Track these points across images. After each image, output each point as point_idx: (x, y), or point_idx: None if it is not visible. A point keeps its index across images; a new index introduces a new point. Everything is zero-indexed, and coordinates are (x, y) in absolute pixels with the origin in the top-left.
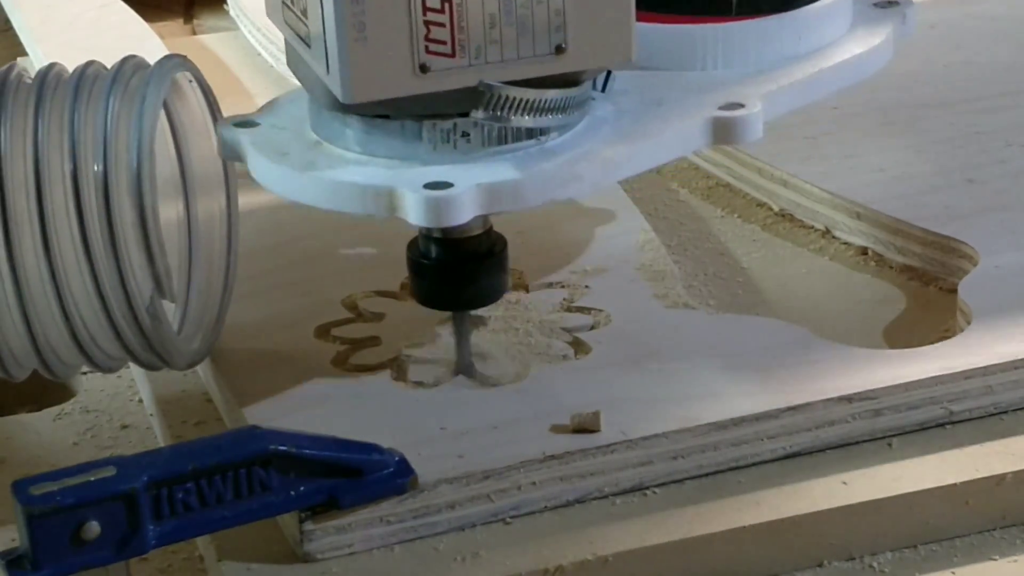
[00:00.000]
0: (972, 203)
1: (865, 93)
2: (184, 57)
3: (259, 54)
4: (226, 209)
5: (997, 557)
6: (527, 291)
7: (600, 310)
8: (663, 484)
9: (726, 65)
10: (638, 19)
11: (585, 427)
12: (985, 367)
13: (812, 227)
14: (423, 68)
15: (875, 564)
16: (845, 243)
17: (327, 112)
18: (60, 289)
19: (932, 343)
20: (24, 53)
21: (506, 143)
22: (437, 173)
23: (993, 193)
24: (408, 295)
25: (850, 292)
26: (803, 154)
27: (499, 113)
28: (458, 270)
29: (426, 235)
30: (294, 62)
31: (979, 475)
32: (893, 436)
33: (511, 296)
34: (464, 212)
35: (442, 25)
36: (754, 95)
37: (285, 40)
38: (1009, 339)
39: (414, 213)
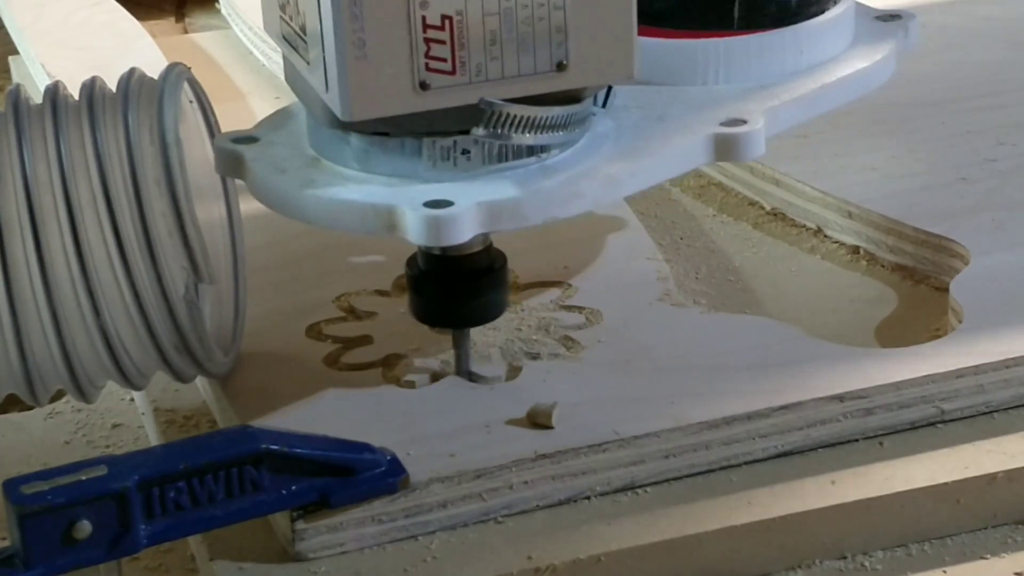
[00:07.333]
0: (963, 202)
1: None
2: (187, 68)
3: (251, 52)
4: (227, 216)
5: (988, 556)
6: (519, 290)
7: (592, 309)
8: (655, 483)
9: (728, 80)
10: (639, 34)
11: (539, 422)
12: (976, 366)
13: (804, 226)
14: (423, 85)
15: (867, 563)
16: (837, 242)
17: (326, 129)
18: (92, 288)
19: (923, 342)
20: (15, 51)
21: (506, 160)
22: (437, 191)
23: (984, 192)
24: (400, 293)
25: (842, 291)
26: (795, 153)
27: (500, 131)
28: (458, 287)
29: (426, 252)
30: (292, 78)
31: (970, 474)
32: (884, 435)
33: None
34: (465, 231)
35: (443, 42)
36: (756, 111)
37: (283, 55)
38: (1001, 338)
39: (414, 232)
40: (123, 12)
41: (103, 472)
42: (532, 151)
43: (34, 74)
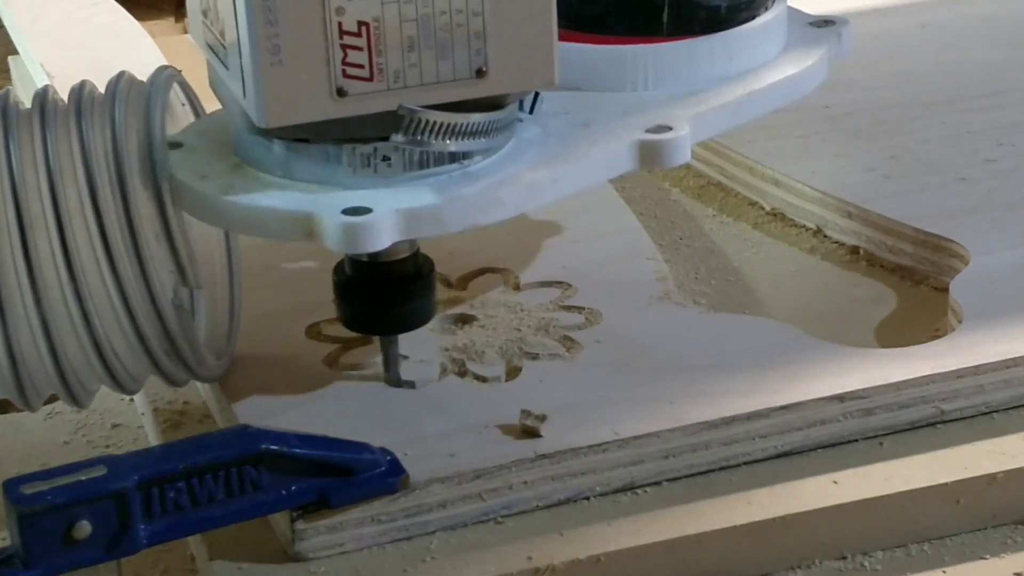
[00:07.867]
0: (963, 202)
1: (856, 92)
2: (177, 71)
3: None
4: None
5: (988, 556)
6: (518, 290)
7: (591, 309)
8: (654, 483)
9: (656, 86)
10: (567, 39)
11: (530, 430)
12: (976, 366)
13: (803, 226)
14: (340, 92)
15: (866, 563)
16: (836, 242)
17: (247, 135)
18: (81, 295)
19: (923, 342)
20: (15, 51)
21: (428, 167)
22: (356, 198)
23: (984, 192)
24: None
25: (841, 291)
26: (794, 153)
27: (419, 137)
28: (384, 293)
29: (352, 258)
30: (215, 83)
31: (970, 474)
32: (884, 435)
33: (503, 295)
34: (383, 238)
35: (359, 49)
36: (682, 117)
37: (207, 62)
38: (1000, 338)
39: (332, 239)
40: (123, 12)
41: (103, 472)
42: (454, 157)
43: (33, 74)
